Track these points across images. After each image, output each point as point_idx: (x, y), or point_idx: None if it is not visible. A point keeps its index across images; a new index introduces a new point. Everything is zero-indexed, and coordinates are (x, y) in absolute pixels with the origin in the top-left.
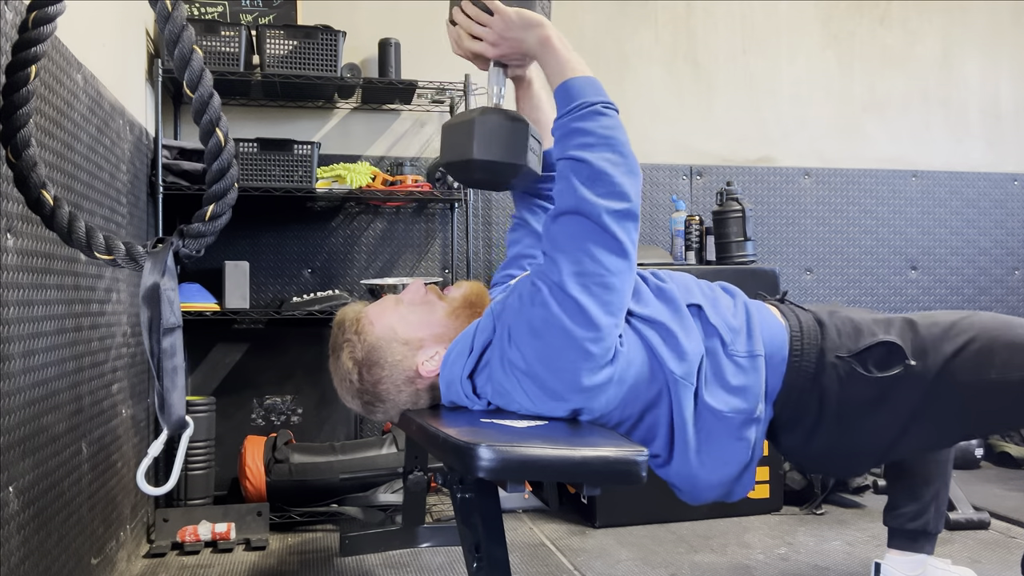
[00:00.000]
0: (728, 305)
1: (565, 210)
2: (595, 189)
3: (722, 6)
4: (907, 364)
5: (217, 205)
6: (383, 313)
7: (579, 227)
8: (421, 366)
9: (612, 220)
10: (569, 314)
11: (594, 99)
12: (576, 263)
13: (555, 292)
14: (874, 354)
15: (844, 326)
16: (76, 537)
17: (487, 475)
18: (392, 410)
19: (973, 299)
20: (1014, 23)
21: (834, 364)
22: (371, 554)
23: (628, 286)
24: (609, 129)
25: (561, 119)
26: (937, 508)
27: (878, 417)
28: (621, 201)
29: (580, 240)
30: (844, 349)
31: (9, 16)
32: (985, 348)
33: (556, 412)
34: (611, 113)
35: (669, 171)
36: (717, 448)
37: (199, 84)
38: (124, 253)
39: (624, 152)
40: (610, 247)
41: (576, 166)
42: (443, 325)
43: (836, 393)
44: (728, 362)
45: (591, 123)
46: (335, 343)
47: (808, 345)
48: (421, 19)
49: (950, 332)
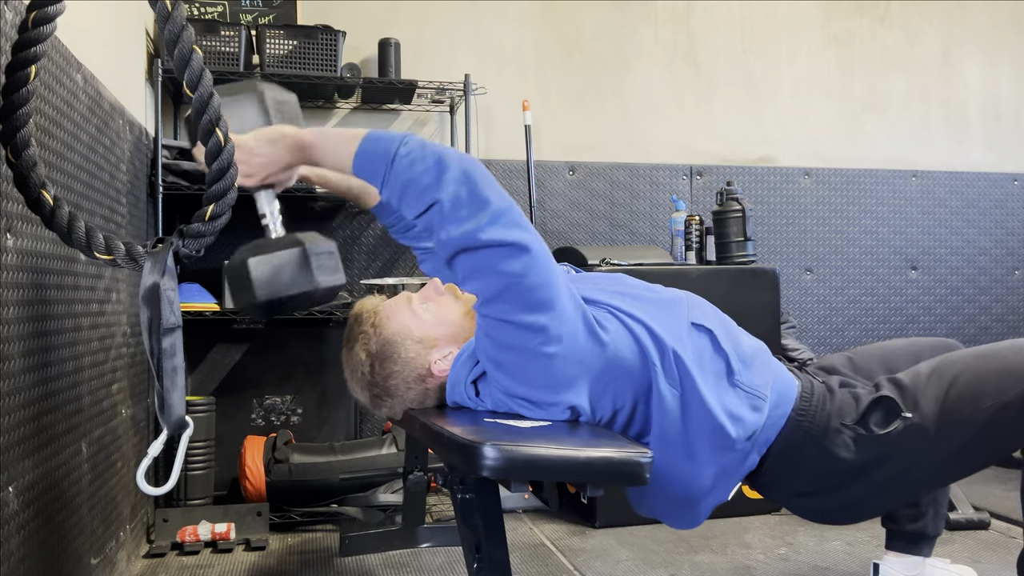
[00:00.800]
0: (748, 344)
1: (449, 256)
2: (460, 220)
3: (722, 6)
4: (904, 416)
5: (217, 205)
6: (400, 309)
7: (469, 261)
8: (434, 364)
9: (489, 232)
10: (508, 336)
11: (390, 150)
12: (489, 288)
13: (490, 326)
14: (873, 415)
15: (847, 398)
16: (76, 537)
17: (491, 474)
18: (398, 406)
19: (973, 299)
20: (1014, 23)
21: (838, 430)
22: (371, 554)
23: (545, 271)
24: (425, 159)
25: (384, 190)
26: (936, 511)
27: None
28: (485, 210)
29: (478, 269)
30: (849, 417)
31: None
32: (973, 380)
33: (554, 415)
34: (410, 144)
35: (669, 171)
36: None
37: (199, 84)
38: (124, 253)
39: (454, 163)
40: (503, 255)
41: (429, 215)
42: (458, 325)
43: (847, 457)
44: (731, 388)
45: (410, 170)
46: (350, 334)
47: (816, 407)
48: (421, 19)
49: (933, 376)
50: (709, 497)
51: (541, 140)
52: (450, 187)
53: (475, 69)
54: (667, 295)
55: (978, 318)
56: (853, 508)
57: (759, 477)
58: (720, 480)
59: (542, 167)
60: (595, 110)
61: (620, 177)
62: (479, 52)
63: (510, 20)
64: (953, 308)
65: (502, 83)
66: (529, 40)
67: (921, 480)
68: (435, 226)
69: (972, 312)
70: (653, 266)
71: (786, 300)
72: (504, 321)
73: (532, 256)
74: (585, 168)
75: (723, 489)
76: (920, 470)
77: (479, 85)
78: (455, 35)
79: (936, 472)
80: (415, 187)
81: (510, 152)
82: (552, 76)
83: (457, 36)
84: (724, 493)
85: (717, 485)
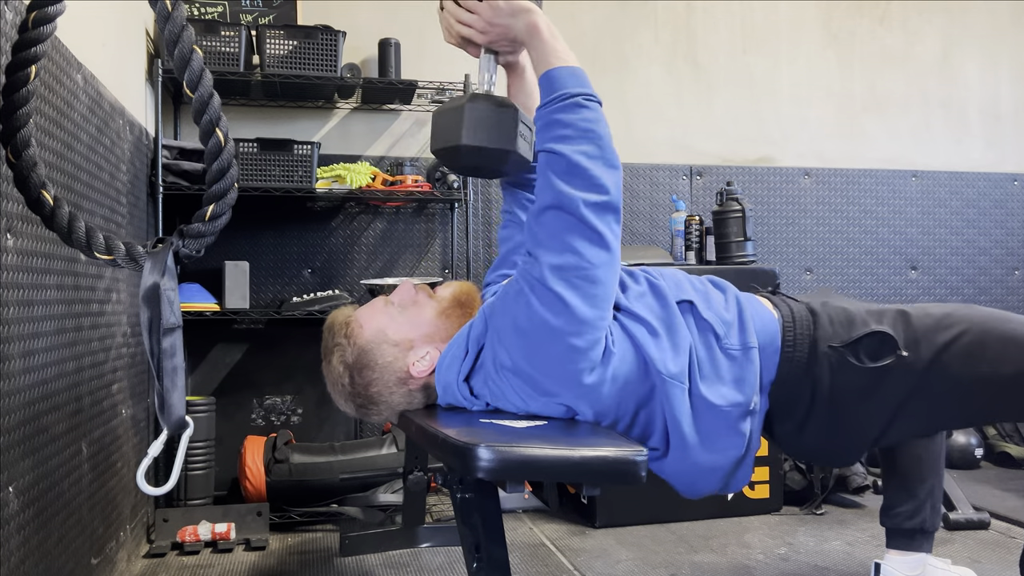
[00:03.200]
0: (720, 299)
1: (545, 206)
2: (572, 182)
3: (722, 6)
4: (899, 354)
5: (217, 205)
6: (373, 315)
7: (559, 222)
8: (412, 367)
9: (591, 212)
10: (551, 310)
11: (575, 90)
12: (557, 258)
13: (536, 288)
14: (866, 344)
15: (837, 315)
16: (76, 537)
17: (487, 475)
18: (386, 411)
19: (973, 299)
20: (1014, 23)
21: (826, 353)
22: (371, 554)
23: (612, 278)
24: (588, 122)
25: (541, 109)
26: (932, 505)
27: (868, 406)
28: (599, 193)
29: (560, 235)
30: (837, 339)
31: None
32: (977, 341)
33: (548, 410)
34: (591, 105)
35: (669, 171)
36: (713, 442)
37: (199, 84)
38: (124, 253)
39: (602, 145)
40: (591, 239)
41: (553, 159)
42: (433, 325)
43: (828, 382)
44: (723, 356)
45: (570, 115)
46: (326, 348)
47: (800, 335)
48: (421, 19)
49: (943, 323)
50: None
51: None
52: (582, 151)
53: (475, 69)
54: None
55: None
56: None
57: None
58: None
59: None
60: None
61: None
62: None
63: None
64: None
65: (502, 83)
66: None
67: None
68: (552, 171)
69: None
70: (653, 266)
71: None
72: (557, 297)
73: (610, 256)
74: None
75: (754, 441)
76: (894, 407)
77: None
78: None
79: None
80: (567, 128)
81: None
82: None
83: None
84: (756, 443)
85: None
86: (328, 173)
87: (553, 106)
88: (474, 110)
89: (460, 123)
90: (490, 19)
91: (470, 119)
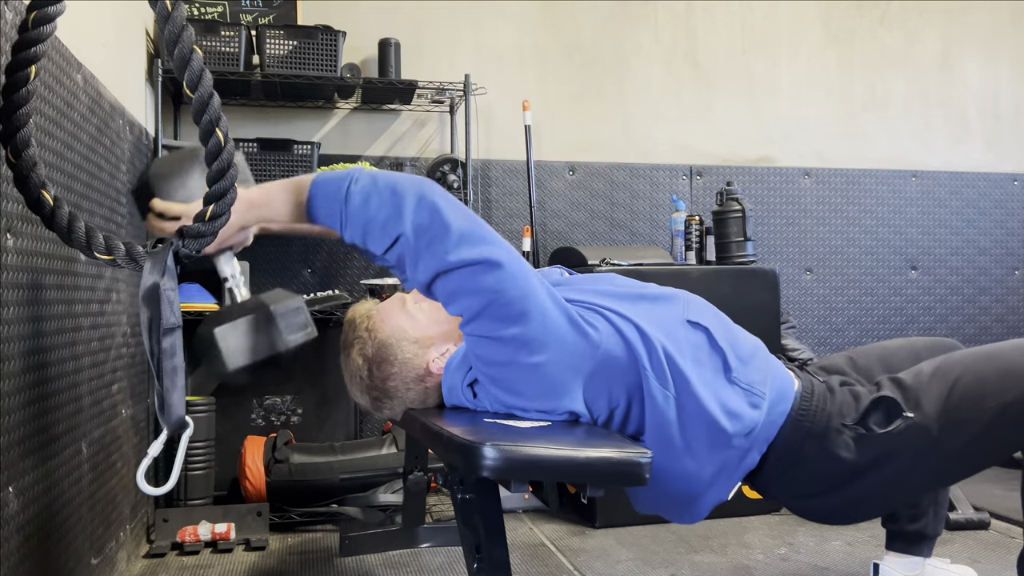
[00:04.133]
0: (746, 343)
1: (426, 283)
2: (427, 250)
3: (722, 6)
4: (905, 416)
5: (217, 205)
6: (393, 311)
7: (445, 284)
8: (432, 363)
9: (457, 253)
10: (497, 349)
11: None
12: (470, 308)
13: (475, 342)
14: (873, 414)
15: (847, 397)
16: (76, 537)
17: (491, 474)
18: (399, 407)
19: (973, 299)
20: (1014, 23)
21: (839, 430)
22: (371, 554)
23: (519, 277)
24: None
25: (345, 232)
26: (936, 511)
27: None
28: (448, 234)
29: (455, 291)
30: (849, 418)
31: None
32: (975, 380)
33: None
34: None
35: (669, 171)
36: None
37: (199, 84)
38: (124, 253)
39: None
40: (477, 271)
41: (397, 248)
42: (452, 323)
43: (847, 457)
44: (726, 382)
45: (366, 209)
46: (346, 340)
47: (816, 407)
48: (421, 19)
49: (935, 376)
50: (708, 495)
51: (541, 140)
52: (410, 216)
53: (475, 69)
54: (662, 293)
55: (978, 318)
56: (853, 508)
57: (759, 477)
58: (719, 478)
59: (542, 167)
60: (595, 110)
61: (620, 177)
62: (479, 52)
63: (510, 20)
64: (953, 308)
65: (502, 83)
66: (529, 40)
67: (922, 480)
68: (405, 257)
69: (972, 312)
70: (653, 266)
71: (786, 300)
72: (489, 338)
73: (504, 269)
74: (585, 168)
75: (722, 487)
76: (921, 470)
77: (479, 85)
78: (455, 35)
79: (937, 472)
80: (375, 224)
81: (510, 152)
82: (552, 76)
83: (457, 36)
84: (724, 492)
85: (716, 483)
86: None
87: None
88: (225, 334)
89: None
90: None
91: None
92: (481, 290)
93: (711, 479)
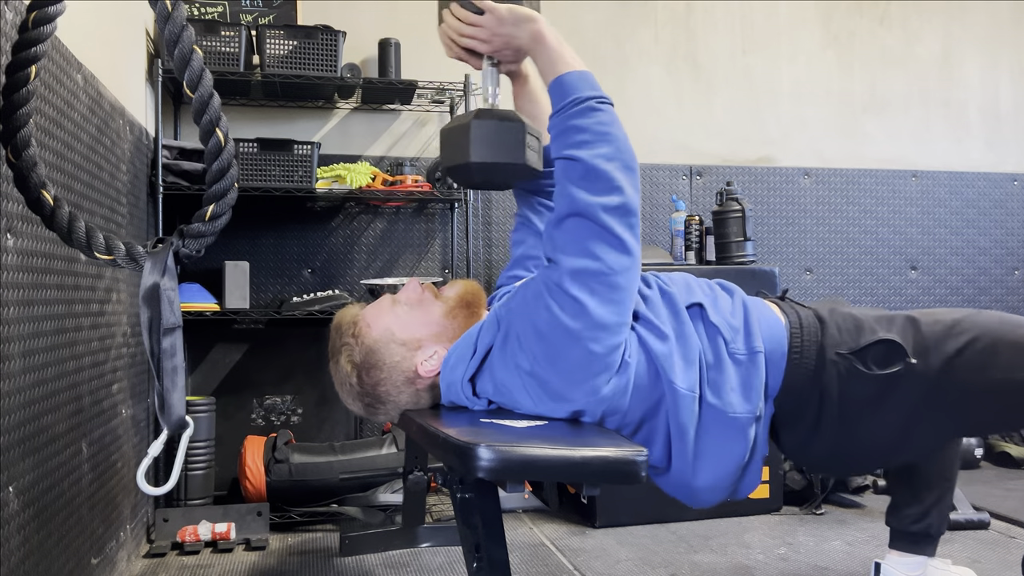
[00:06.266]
0: (727, 303)
1: (564, 214)
2: (590, 188)
3: (722, 6)
4: (908, 362)
5: (217, 205)
6: (380, 314)
7: (578, 228)
8: (420, 366)
9: (610, 217)
10: (570, 314)
11: (587, 94)
12: (577, 263)
13: (555, 293)
14: (874, 352)
15: (845, 322)
16: (76, 537)
17: (487, 475)
18: (393, 411)
19: (973, 299)
20: (1014, 23)
21: (834, 361)
22: (371, 554)
23: (632, 284)
24: (602, 125)
25: (555, 116)
26: (940, 511)
27: (878, 416)
28: (617, 196)
29: (580, 240)
30: (844, 346)
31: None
32: (989, 347)
33: (557, 413)
34: (605, 108)
35: (669, 171)
36: (717, 450)
37: (199, 84)
38: (124, 253)
39: (619, 147)
40: (611, 243)
41: (570, 165)
42: (440, 324)
43: (836, 391)
44: (730, 361)
45: (584, 119)
46: (333, 347)
47: (808, 342)
48: (421, 19)
49: (953, 330)
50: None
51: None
52: (599, 155)
53: (475, 70)
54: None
55: None
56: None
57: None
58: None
59: None
60: None
61: None
62: None
63: None
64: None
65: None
66: None
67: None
68: (567, 176)
69: None
70: (653, 266)
71: None
72: (577, 301)
73: (631, 260)
74: None
75: (760, 446)
76: (903, 418)
77: (479, 86)
78: None
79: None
80: (573, 132)
81: None
82: None
83: None
84: (763, 446)
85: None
86: (328, 173)
87: (567, 112)
88: (480, 126)
89: (467, 140)
90: (494, 29)
91: (477, 136)
92: (602, 259)
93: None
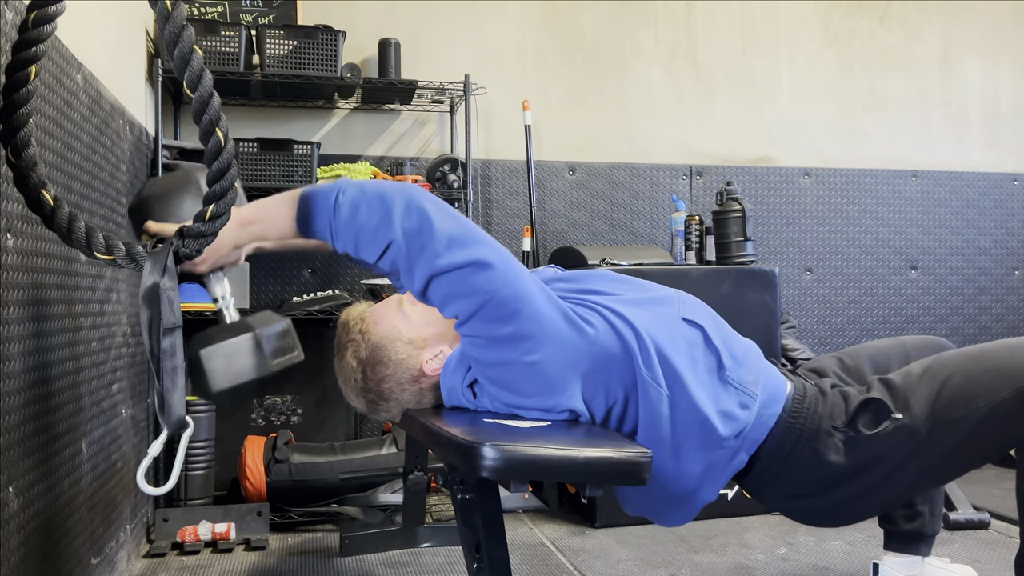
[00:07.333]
0: (740, 345)
1: (421, 288)
2: (420, 253)
3: (722, 6)
4: (894, 418)
5: (217, 205)
6: (387, 312)
7: (439, 287)
8: (425, 364)
9: (447, 258)
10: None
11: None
12: (464, 309)
13: (471, 343)
14: (862, 416)
15: (838, 399)
16: (76, 537)
17: (491, 475)
18: (396, 409)
19: (973, 299)
20: (1014, 23)
21: (829, 433)
22: (371, 554)
23: (514, 283)
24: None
25: (337, 245)
26: (931, 511)
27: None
28: (435, 236)
29: (449, 294)
30: (839, 420)
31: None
32: (965, 380)
33: (554, 417)
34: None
35: (669, 171)
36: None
37: (199, 84)
38: (124, 253)
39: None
40: (469, 275)
41: (389, 255)
42: (445, 324)
43: (837, 460)
44: (719, 381)
45: (351, 222)
46: (339, 343)
47: (808, 410)
48: (421, 19)
49: (925, 377)
50: (697, 495)
51: (541, 140)
52: (399, 222)
53: (475, 69)
54: (657, 292)
55: (978, 318)
56: (844, 511)
57: (749, 478)
58: (707, 478)
59: (542, 167)
60: (595, 110)
61: (620, 177)
62: (479, 52)
63: (510, 20)
64: (953, 308)
65: (502, 83)
66: (529, 40)
67: (913, 481)
68: (398, 263)
69: (972, 312)
70: (653, 266)
71: (786, 300)
72: (484, 338)
73: (495, 269)
74: (585, 168)
75: (711, 488)
76: (912, 471)
77: (479, 85)
78: (455, 35)
79: (928, 473)
80: (366, 232)
81: (510, 152)
82: (552, 76)
83: (457, 36)
84: (712, 492)
85: (704, 483)
86: (328, 173)
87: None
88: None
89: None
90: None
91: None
92: (473, 291)
93: (700, 479)
